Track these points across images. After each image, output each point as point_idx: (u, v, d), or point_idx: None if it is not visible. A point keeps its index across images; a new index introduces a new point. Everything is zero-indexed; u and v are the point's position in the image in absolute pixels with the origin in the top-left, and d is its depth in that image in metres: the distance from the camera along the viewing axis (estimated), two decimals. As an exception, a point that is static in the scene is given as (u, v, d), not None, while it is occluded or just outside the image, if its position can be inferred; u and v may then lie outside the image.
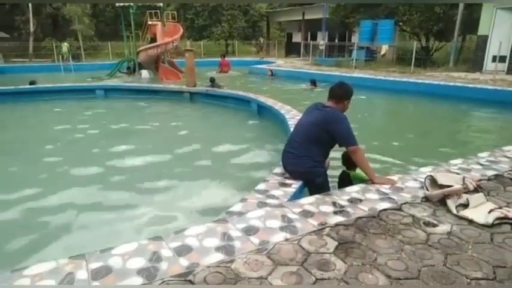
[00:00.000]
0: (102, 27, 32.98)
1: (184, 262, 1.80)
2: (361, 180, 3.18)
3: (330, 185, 3.28)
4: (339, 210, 2.39)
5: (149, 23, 15.72)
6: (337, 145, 3.14)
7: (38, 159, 5.37)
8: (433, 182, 2.62)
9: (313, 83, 12.14)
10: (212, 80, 10.97)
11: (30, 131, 7.26)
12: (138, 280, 1.66)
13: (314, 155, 3.07)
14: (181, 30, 15.60)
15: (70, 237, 3.23)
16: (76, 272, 1.71)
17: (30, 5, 24.16)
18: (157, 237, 2.03)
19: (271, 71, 16.09)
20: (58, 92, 10.63)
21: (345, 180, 3.45)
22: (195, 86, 10.51)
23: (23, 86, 10.67)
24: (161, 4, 15.99)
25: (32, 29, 24.44)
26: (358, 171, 3.59)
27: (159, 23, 15.49)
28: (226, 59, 18.85)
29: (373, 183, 2.89)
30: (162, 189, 4.20)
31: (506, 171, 3.14)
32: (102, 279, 1.67)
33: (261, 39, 28.26)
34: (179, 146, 5.92)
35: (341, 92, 3.17)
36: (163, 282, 1.65)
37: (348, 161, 3.52)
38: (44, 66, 19.41)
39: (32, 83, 11.29)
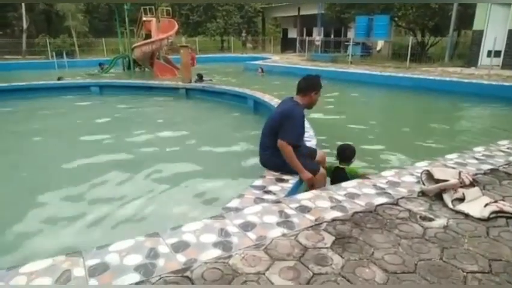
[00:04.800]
0: (96, 24, 32.79)
1: (181, 258, 1.79)
2: (356, 175, 3.20)
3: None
4: (336, 206, 2.40)
5: (144, 19, 15.60)
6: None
7: (30, 152, 5.35)
8: (429, 176, 2.63)
9: None
10: (200, 76, 10.99)
11: (26, 127, 7.20)
12: (135, 276, 1.65)
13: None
14: (176, 26, 15.48)
15: (60, 232, 3.22)
16: (72, 269, 1.70)
17: (23, 1, 23.94)
18: (154, 234, 2.02)
19: (261, 68, 15.81)
20: (50, 89, 10.52)
21: (338, 176, 3.45)
22: (190, 82, 10.48)
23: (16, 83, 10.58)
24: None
25: (25, 25, 24.21)
26: (352, 166, 3.61)
27: (154, 19, 15.37)
28: (194, 54, 20.57)
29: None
30: (158, 185, 4.18)
31: (502, 166, 3.16)
32: (99, 276, 1.66)
33: (243, 34, 28.27)
34: (175, 143, 5.90)
35: (305, 85, 3.19)
36: (160, 278, 1.65)
37: (343, 155, 3.56)
38: (37, 63, 19.23)
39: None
